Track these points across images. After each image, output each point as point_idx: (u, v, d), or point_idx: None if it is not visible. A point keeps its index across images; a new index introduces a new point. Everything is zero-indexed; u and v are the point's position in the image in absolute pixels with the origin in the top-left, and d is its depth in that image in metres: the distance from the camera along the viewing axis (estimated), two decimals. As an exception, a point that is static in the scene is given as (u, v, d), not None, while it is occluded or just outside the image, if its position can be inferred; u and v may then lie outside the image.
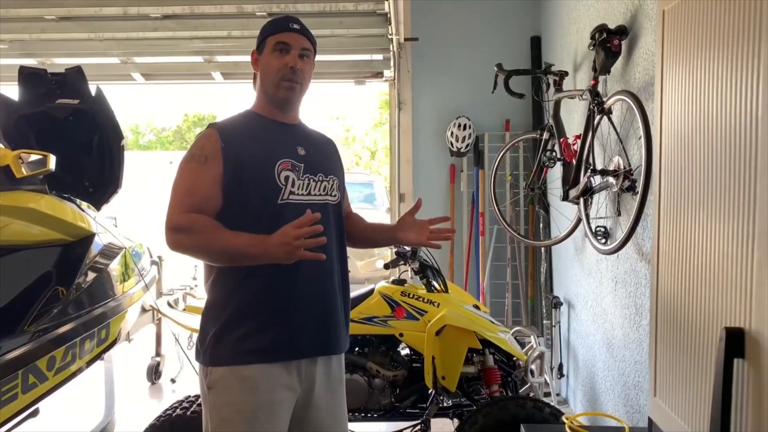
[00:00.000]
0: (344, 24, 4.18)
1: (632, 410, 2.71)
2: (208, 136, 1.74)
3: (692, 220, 1.13)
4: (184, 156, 1.74)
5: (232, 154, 1.70)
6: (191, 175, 1.69)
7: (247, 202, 1.70)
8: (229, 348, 1.68)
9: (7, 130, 2.74)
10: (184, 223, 1.64)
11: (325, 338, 1.78)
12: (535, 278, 4.56)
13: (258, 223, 1.68)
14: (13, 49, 4.51)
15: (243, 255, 1.64)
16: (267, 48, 1.79)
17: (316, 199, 1.79)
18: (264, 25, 1.86)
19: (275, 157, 1.74)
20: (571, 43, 3.67)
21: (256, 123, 1.81)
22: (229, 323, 1.69)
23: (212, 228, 1.64)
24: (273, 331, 1.70)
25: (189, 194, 1.67)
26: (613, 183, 2.66)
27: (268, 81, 1.79)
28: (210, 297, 1.76)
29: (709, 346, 1.04)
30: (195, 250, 1.68)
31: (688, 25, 1.13)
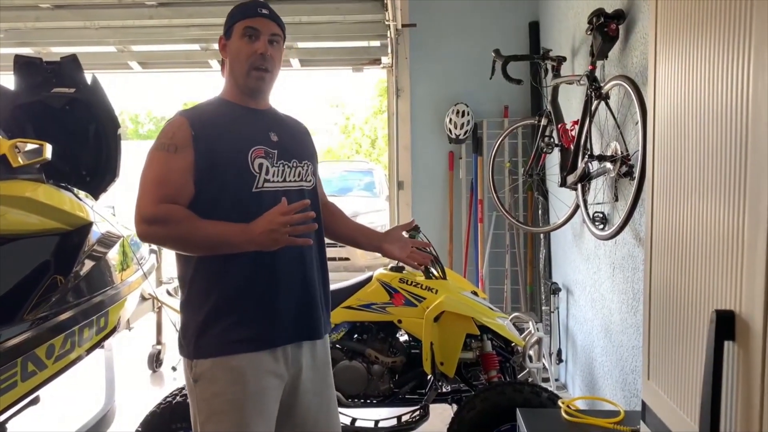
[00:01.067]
0: (341, 10, 4.16)
1: (630, 394, 2.73)
2: (177, 124, 1.69)
3: (684, 203, 1.13)
4: (153, 144, 1.70)
5: (203, 143, 1.66)
6: (162, 165, 1.65)
7: (220, 191, 1.67)
8: (214, 339, 1.67)
9: (3, 120, 2.73)
10: (158, 213, 1.61)
11: (308, 323, 1.78)
12: (534, 264, 4.57)
13: (232, 212, 1.66)
14: (8, 38, 4.49)
15: (225, 243, 1.62)
16: (235, 34, 1.75)
17: (292, 186, 1.78)
18: (231, 10, 1.81)
19: (248, 145, 1.71)
20: (569, 28, 3.65)
21: (227, 110, 1.77)
22: (212, 314, 1.67)
23: (188, 218, 1.61)
24: (257, 319, 1.69)
25: (161, 184, 1.63)
26: (611, 168, 2.66)
27: (237, 68, 1.75)
28: (189, 289, 1.73)
29: (701, 329, 1.05)
30: (171, 241, 1.65)
31: (681, 10, 1.12)
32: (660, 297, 1.24)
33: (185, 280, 1.74)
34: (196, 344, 1.68)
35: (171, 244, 1.67)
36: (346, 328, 2.93)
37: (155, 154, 1.67)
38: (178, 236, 1.62)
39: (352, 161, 16.16)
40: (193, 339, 1.68)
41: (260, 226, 1.58)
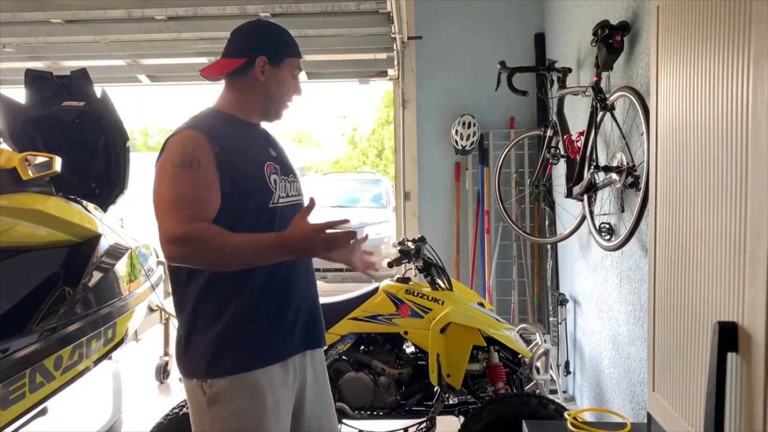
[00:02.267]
0: (347, 23, 4.19)
1: (638, 407, 2.71)
2: (195, 139, 1.62)
3: (687, 214, 1.13)
4: (169, 161, 1.61)
5: (227, 160, 1.62)
6: (187, 182, 1.58)
7: (243, 208, 1.65)
8: (230, 356, 1.63)
9: (14, 133, 2.77)
10: (189, 233, 1.53)
11: (314, 332, 1.81)
12: (541, 275, 4.55)
13: (253, 229, 1.64)
14: (19, 52, 4.55)
15: (261, 254, 1.59)
16: (286, 67, 1.77)
17: (294, 200, 1.80)
18: (280, 37, 1.80)
19: (263, 161, 1.72)
20: (574, 39, 3.66)
21: (236, 126, 1.75)
22: (227, 331, 1.64)
23: (220, 233, 1.55)
24: (272, 333, 1.68)
25: (188, 202, 1.57)
26: (617, 179, 2.66)
27: (276, 99, 1.78)
28: (198, 307, 1.67)
29: (704, 341, 1.05)
30: (204, 259, 1.58)
31: (682, 21, 1.13)
32: (664, 308, 1.24)
33: (189, 298, 1.68)
34: (211, 363, 1.63)
35: (203, 262, 1.60)
36: (352, 340, 2.93)
37: (177, 171, 1.59)
38: (212, 253, 1.55)
39: (360, 172, 16.20)
40: (206, 358, 1.64)
41: (301, 236, 1.55)
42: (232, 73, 1.76)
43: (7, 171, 2.28)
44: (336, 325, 2.90)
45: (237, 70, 1.75)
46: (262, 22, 1.89)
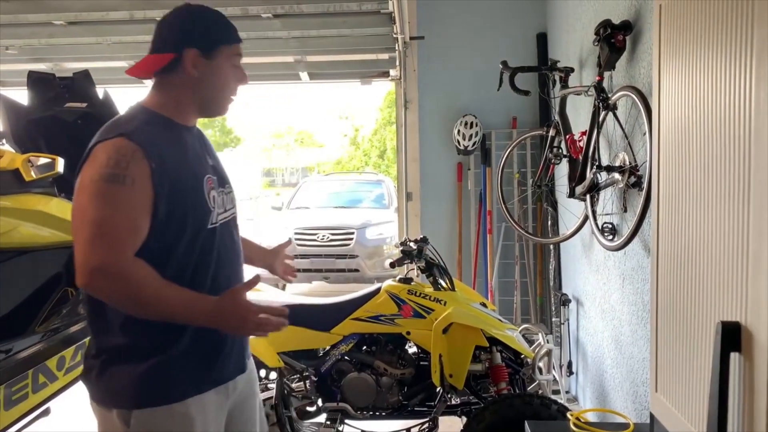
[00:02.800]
0: (348, 24, 4.19)
1: (641, 407, 2.70)
2: (129, 152, 1.40)
3: (689, 214, 1.13)
4: (100, 173, 1.39)
5: (165, 178, 1.42)
6: (119, 202, 1.38)
7: (179, 233, 1.46)
8: (160, 386, 1.49)
9: (16, 134, 2.78)
10: (120, 267, 1.36)
11: (243, 356, 1.69)
12: (544, 276, 4.55)
13: (188, 255, 1.49)
14: (22, 54, 4.57)
15: (187, 319, 1.45)
16: (222, 57, 1.56)
17: (229, 214, 1.64)
18: (212, 23, 1.58)
19: (201, 175, 1.53)
20: (576, 39, 3.66)
21: (171, 132, 1.53)
22: (157, 360, 1.49)
23: (155, 281, 1.39)
24: (204, 360, 1.56)
25: (119, 227, 1.37)
26: (619, 179, 2.65)
27: (215, 95, 1.58)
28: (126, 331, 1.49)
29: (707, 341, 1.04)
30: (122, 301, 1.41)
31: (684, 20, 1.13)
32: (666, 309, 1.24)
33: (115, 321, 1.49)
34: (139, 392, 1.47)
35: (122, 303, 1.42)
36: (354, 340, 2.93)
37: (104, 187, 1.38)
38: (136, 298, 1.38)
39: (362, 173, 16.21)
40: (134, 387, 1.47)
41: (233, 315, 1.43)
42: (162, 70, 1.55)
43: (10, 172, 2.29)
44: (338, 326, 2.90)
45: (166, 67, 1.54)
46: (190, 7, 1.60)
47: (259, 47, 4.50)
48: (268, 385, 3.12)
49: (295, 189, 9.86)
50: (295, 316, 2.91)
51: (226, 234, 1.60)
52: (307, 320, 2.92)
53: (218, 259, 1.56)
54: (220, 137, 38.77)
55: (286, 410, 2.89)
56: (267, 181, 41.91)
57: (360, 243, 7.47)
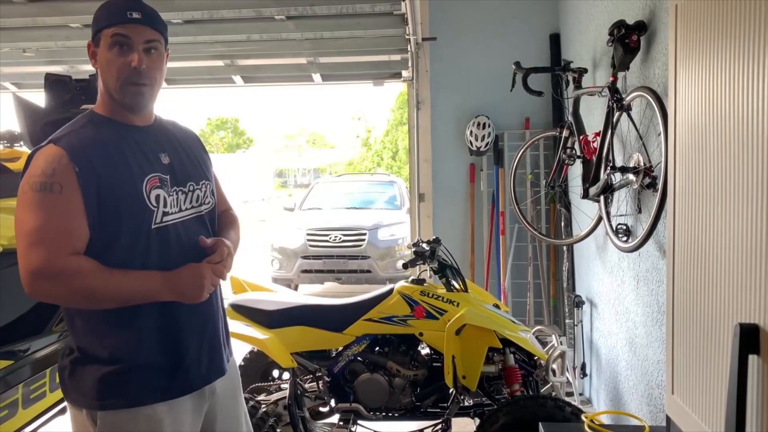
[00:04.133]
0: (362, 25, 4.20)
1: (656, 409, 2.68)
2: (56, 158, 1.41)
3: (707, 215, 1.12)
4: (31, 183, 1.41)
5: (90, 179, 1.42)
6: (48, 209, 1.39)
7: (115, 233, 1.46)
8: (123, 389, 1.49)
9: (33, 136, 2.81)
10: (59, 268, 1.38)
11: (217, 363, 1.67)
12: (557, 277, 4.52)
13: (129, 254, 1.48)
14: (39, 56, 4.63)
15: (141, 297, 1.46)
16: (103, 43, 1.50)
17: (189, 214, 1.60)
18: (96, 12, 1.54)
19: (141, 175, 1.50)
20: (590, 39, 3.64)
21: (109, 133, 1.52)
22: (122, 364, 1.48)
23: (96, 270, 1.41)
24: (174, 367, 1.55)
25: (55, 233, 1.39)
26: (634, 180, 2.63)
27: (110, 83, 1.51)
28: (92, 331, 1.50)
29: (725, 343, 1.03)
30: (75, 298, 1.44)
31: (700, 20, 1.12)
32: (683, 310, 1.23)
33: (80, 321, 1.51)
34: (101, 394, 1.47)
35: (73, 300, 1.45)
36: (367, 341, 2.94)
37: (34, 196, 1.40)
38: (85, 292, 1.41)
39: (373, 174, 16.23)
40: (100, 387, 1.48)
41: (186, 277, 1.48)
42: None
43: (27, 173, 2.31)
44: (351, 327, 2.90)
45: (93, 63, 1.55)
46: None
47: (272, 49, 4.53)
48: (281, 385, 3.13)
49: (307, 190, 9.89)
50: (308, 317, 2.94)
51: (182, 234, 1.57)
52: (319, 321, 2.93)
53: (169, 258, 1.53)
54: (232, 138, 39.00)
55: (299, 410, 2.90)
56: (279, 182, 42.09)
57: (372, 244, 7.47)
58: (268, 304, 2.97)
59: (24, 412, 2.04)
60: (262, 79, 5.27)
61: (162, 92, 1.64)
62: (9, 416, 1.96)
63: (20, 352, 2.10)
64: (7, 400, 1.97)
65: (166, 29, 1.60)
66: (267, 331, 2.89)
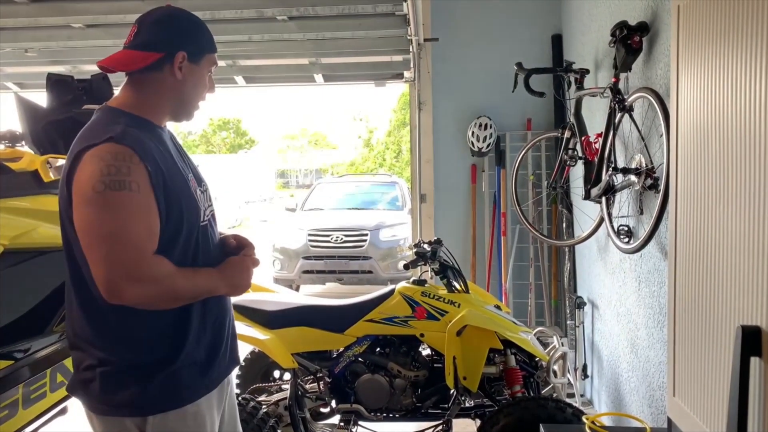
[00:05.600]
0: (363, 26, 4.20)
1: (657, 411, 2.67)
2: (128, 157, 1.40)
3: (709, 217, 1.11)
4: (104, 182, 1.36)
5: (160, 181, 1.44)
6: (132, 209, 1.38)
7: (177, 233, 1.49)
8: (172, 391, 1.51)
9: (35, 136, 2.81)
10: (150, 270, 1.39)
11: (236, 354, 1.74)
12: (559, 278, 4.52)
13: (184, 253, 1.51)
14: (41, 56, 4.63)
15: (206, 294, 1.52)
16: (206, 64, 1.60)
17: (210, 211, 1.66)
18: (201, 30, 1.61)
19: (186, 174, 1.56)
20: (592, 40, 3.63)
21: (150, 133, 1.52)
22: (167, 367, 1.50)
23: (177, 271, 1.45)
24: (210, 359, 1.60)
25: (139, 232, 1.39)
26: (635, 181, 2.63)
27: (191, 99, 1.60)
28: (120, 344, 1.49)
29: (727, 345, 1.03)
30: (161, 300, 1.44)
31: (703, 21, 1.12)
32: (685, 312, 1.23)
33: (112, 327, 1.49)
34: (150, 400, 1.49)
35: (159, 302, 1.45)
36: (368, 342, 2.93)
37: (112, 196, 1.36)
38: (172, 293, 1.44)
39: (375, 174, 16.24)
40: (143, 396, 1.48)
41: (238, 271, 1.57)
42: (143, 69, 1.53)
43: (29, 173, 2.32)
44: (352, 327, 2.90)
45: (150, 65, 1.52)
46: (178, 10, 1.61)
47: (274, 49, 4.53)
48: (282, 386, 3.13)
49: (309, 190, 9.90)
50: (309, 318, 2.94)
51: (211, 230, 1.63)
52: (320, 322, 2.93)
53: (208, 254, 1.60)
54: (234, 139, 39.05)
55: (300, 411, 2.90)
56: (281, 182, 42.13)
57: (374, 244, 7.47)
58: (269, 305, 2.97)
59: (24, 413, 2.04)
60: (264, 79, 5.27)
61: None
62: (9, 416, 1.96)
63: (21, 352, 2.10)
64: (8, 401, 1.97)
65: None
66: (268, 332, 2.89)
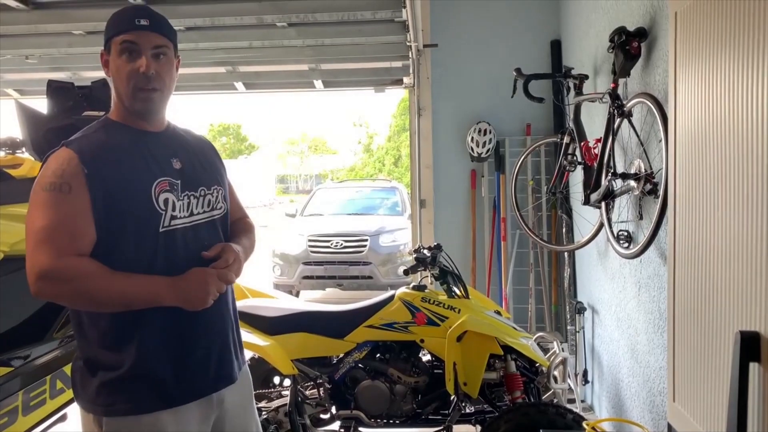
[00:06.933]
0: (363, 32, 4.21)
1: (658, 417, 2.67)
2: (65, 159, 1.46)
3: (707, 222, 1.12)
4: (38, 184, 1.46)
5: (99, 181, 1.45)
6: (56, 209, 1.42)
7: (122, 234, 1.48)
8: (127, 397, 1.50)
9: (36, 143, 2.81)
10: (62, 268, 1.40)
11: (226, 370, 1.67)
12: (559, 283, 4.52)
13: (136, 256, 1.49)
14: (41, 63, 4.64)
15: (144, 301, 1.47)
16: (113, 50, 1.54)
17: (201, 219, 1.62)
18: (108, 21, 1.58)
19: (150, 178, 1.53)
20: (590, 46, 3.64)
21: (120, 137, 1.55)
22: (128, 370, 1.49)
23: (99, 272, 1.43)
24: (178, 374, 1.55)
25: (58, 232, 1.42)
26: (635, 186, 2.63)
27: (121, 89, 1.55)
28: (100, 337, 1.52)
29: (726, 351, 1.03)
30: (77, 299, 1.46)
31: (700, 26, 1.12)
32: (684, 317, 1.23)
33: (90, 326, 1.53)
34: (107, 400, 1.50)
35: (76, 302, 1.48)
36: (368, 348, 2.93)
37: (44, 195, 1.44)
38: (88, 294, 1.43)
39: (375, 179, 16.25)
40: (105, 394, 1.50)
41: (191, 282, 1.48)
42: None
43: (29, 180, 2.31)
44: (352, 333, 2.90)
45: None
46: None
47: (273, 56, 4.54)
48: (282, 392, 3.12)
49: (308, 196, 9.90)
50: (309, 324, 2.94)
51: (191, 238, 1.58)
52: (320, 327, 2.93)
53: (176, 261, 1.54)
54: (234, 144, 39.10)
55: (300, 417, 2.90)
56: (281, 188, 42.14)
57: (373, 250, 7.47)
58: (269, 311, 2.97)
59: (24, 419, 2.04)
60: (264, 85, 5.28)
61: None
62: (9, 423, 1.96)
63: (20, 359, 2.10)
64: (7, 408, 1.97)
65: (175, 35, 1.63)
66: (268, 338, 2.88)
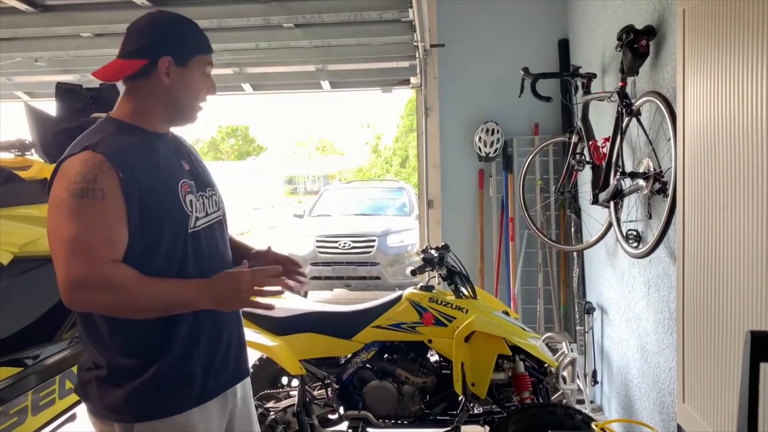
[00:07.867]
0: (369, 32, 4.21)
1: (668, 417, 2.65)
2: (97, 164, 1.41)
3: (716, 221, 1.11)
4: (70, 190, 1.40)
5: (134, 187, 1.43)
6: (92, 216, 1.38)
7: (156, 239, 1.47)
8: (159, 399, 1.50)
9: (45, 145, 2.83)
10: (101, 278, 1.37)
11: (242, 364, 1.72)
12: (568, 283, 4.49)
13: (168, 261, 1.49)
14: (50, 65, 4.67)
15: (180, 305, 1.45)
16: (195, 66, 1.57)
17: (214, 218, 1.64)
18: (186, 32, 1.59)
19: (175, 181, 1.54)
20: (598, 45, 3.63)
21: (141, 141, 1.53)
22: (154, 375, 1.49)
23: (136, 280, 1.41)
24: (206, 370, 1.57)
25: (97, 241, 1.38)
26: (644, 185, 2.61)
27: (185, 103, 1.58)
28: (114, 349, 1.49)
29: (736, 351, 1.02)
30: (116, 308, 1.42)
31: (709, 24, 1.11)
32: (694, 317, 1.22)
33: (107, 332, 1.50)
34: (136, 407, 1.48)
35: (115, 310, 1.44)
36: (376, 348, 2.93)
37: (74, 202, 1.39)
38: (128, 301, 1.40)
39: (383, 180, 16.26)
40: (130, 402, 1.48)
41: (225, 284, 1.46)
42: (132, 77, 1.55)
43: (38, 182, 2.34)
44: (359, 334, 2.90)
45: (137, 73, 1.54)
46: (163, 14, 1.62)
47: (280, 56, 4.55)
48: (290, 392, 3.13)
49: (316, 197, 9.91)
50: (317, 324, 2.94)
51: (210, 238, 1.60)
52: (328, 328, 2.93)
53: (202, 262, 1.56)
54: (242, 146, 39.22)
55: (308, 417, 2.90)
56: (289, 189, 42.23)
57: (381, 250, 7.47)
58: (276, 311, 2.95)
59: (33, 419, 2.05)
60: (271, 86, 5.29)
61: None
62: (18, 423, 1.97)
63: (30, 359, 2.11)
64: (17, 407, 1.98)
65: None
66: (276, 338, 2.89)
